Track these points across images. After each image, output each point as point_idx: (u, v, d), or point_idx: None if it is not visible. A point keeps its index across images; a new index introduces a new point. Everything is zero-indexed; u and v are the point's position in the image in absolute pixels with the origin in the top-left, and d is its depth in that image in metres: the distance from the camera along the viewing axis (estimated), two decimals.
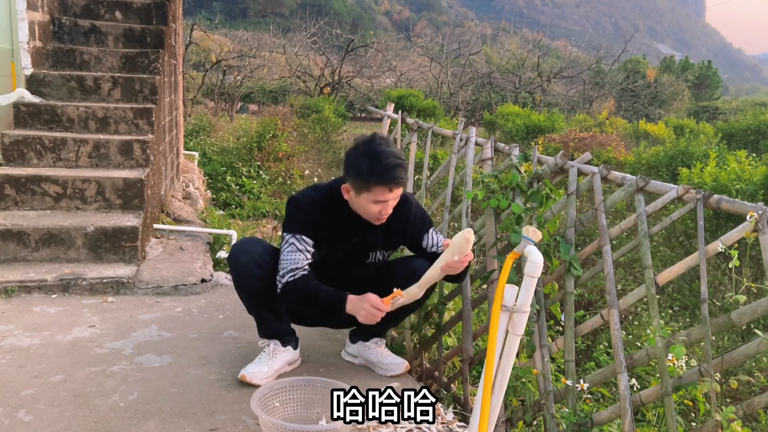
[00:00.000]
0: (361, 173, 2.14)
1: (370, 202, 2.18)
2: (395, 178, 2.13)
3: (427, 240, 2.42)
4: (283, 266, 2.24)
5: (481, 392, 1.68)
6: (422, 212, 2.45)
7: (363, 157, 2.14)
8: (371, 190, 2.14)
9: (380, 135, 2.25)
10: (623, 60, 31.33)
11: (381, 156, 2.11)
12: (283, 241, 2.28)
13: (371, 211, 2.20)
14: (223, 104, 21.61)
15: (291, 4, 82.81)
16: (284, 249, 2.26)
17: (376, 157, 2.11)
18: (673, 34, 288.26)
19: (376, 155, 2.11)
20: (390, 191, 2.15)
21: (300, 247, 2.24)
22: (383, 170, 2.10)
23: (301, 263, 2.23)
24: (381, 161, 2.10)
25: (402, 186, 2.20)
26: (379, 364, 2.56)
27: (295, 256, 2.23)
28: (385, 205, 2.19)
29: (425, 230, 2.42)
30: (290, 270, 2.23)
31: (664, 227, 2.14)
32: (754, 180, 5.80)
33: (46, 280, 3.35)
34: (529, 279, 1.67)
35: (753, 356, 1.91)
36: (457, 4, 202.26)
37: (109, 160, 4.27)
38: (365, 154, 2.14)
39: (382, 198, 2.16)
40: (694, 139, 12.64)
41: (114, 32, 5.08)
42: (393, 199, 2.20)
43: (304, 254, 2.24)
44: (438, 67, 27.08)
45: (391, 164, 2.10)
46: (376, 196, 2.15)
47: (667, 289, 5.30)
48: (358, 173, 2.15)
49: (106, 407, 2.19)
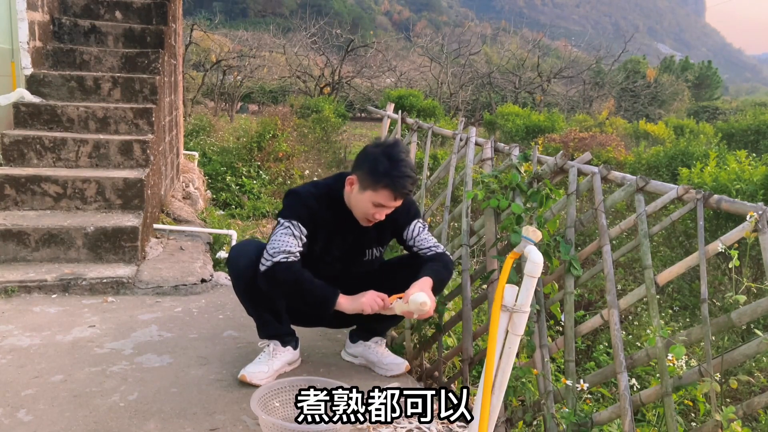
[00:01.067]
0: (375, 172, 2.15)
1: (370, 202, 2.19)
2: (404, 188, 2.16)
3: (407, 232, 2.39)
4: (274, 246, 2.18)
5: (481, 392, 1.68)
6: (408, 203, 2.40)
7: (383, 158, 2.16)
8: (378, 191, 2.16)
9: (404, 144, 2.31)
10: (623, 60, 31.32)
11: (400, 163, 2.15)
12: (277, 225, 2.25)
13: (367, 210, 2.21)
14: (223, 104, 21.61)
15: (291, 4, 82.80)
16: (278, 230, 2.21)
17: (396, 163, 2.14)
18: (673, 34, 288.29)
19: (396, 160, 2.15)
20: (394, 199, 2.18)
21: (295, 233, 2.21)
22: (397, 176, 2.13)
23: (294, 249, 2.20)
24: (398, 168, 2.14)
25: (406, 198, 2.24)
26: (379, 363, 2.56)
27: (289, 239, 2.20)
28: (381, 210, 2.21)
29: (408, 220, 2.39)
30: (284, 251, 2.17)
31: (664, 227, 2.14)
32: (754, 180, 5.80)
33: (46, 280, 3.35)
34: (529, 279, 1.67)
35: (753, 356, 1.91)
36: (457, 4, 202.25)
37: (109, 160, 4.27)
38: (386, 156, 2.16)
39: (384, 202, 2.18)
40: (694, 139, 12.64)
41: (114, 32, 5.08)
42: (391, 207, 2.22)
43: (298, 241, 2.22)
44: (438, 67, 27.08)
45: (407, 174, 2.14)
46: (379, 198, 2.17)
47: (667, 289, 5.30)
48: (372, 171, 2.16)
49: (106, 407, 2.19)
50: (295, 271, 2.17)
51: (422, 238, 2.39)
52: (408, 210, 2.40)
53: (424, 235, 2.40)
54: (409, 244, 2.40)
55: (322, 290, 2.19)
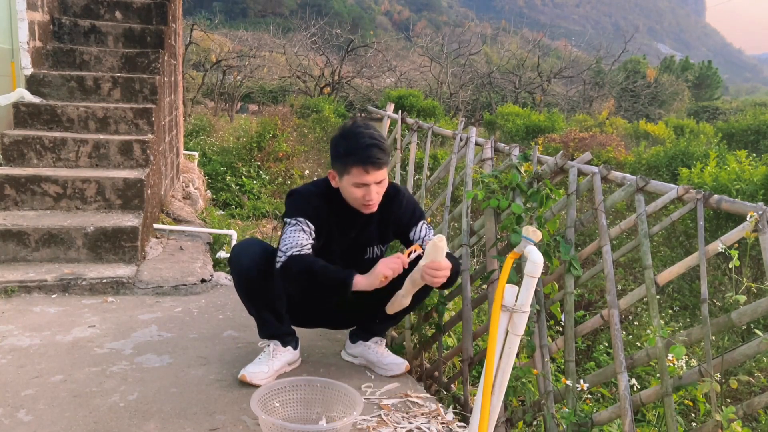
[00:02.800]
0: (339, 155, 2.18)
1: (351, 185, 2.19)
2: (370, 158, 2.13)
3: (414, 232, 2.39)
4: (286, 243, 2.21)
5: (481, 392, 1.68)
6: (413, 204, 2.43)
7: (341, 139, 2.19)
8: (350, 171, 2.16)
9: (360, 120, 2.27)
10: (623, 60, 31.33)
11: (357, 137, 2.15)
12: (285, 225, 2.27)
13: (355, 195, 2.20)
14: (223, 104, 21.60)
15: (291, 4, 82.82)
16: (287, 230, 2.24)
17: (353, 138, 2.15)
18: (673, 34, 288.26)
19: (353, 136, 2.16)
20: (367, 172, 2.15)
21: (305, 228, 2.24)
22: (358, 149, 2.13)
23: (305, 242, 2.22)
24: (357, 141, 2.14)
25: (381, 168, 2.17)
26: (379, 364, 2.56)
27: (299, 235, 2.22)
28: (367, 189, 2.18)
29: (414, 222, 2.39)
30: (295, 245, 2.20)
31: (664, 227, 2.14)
32: (754, 180, 5.80)
33: (46, 280, 3.35)
34: (529, 279, 1.68)
35: (753, 356, 1.91)
36: (457, 4, 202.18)
37: (109, 160, 4.27)
38: (342, 136, 2.19)
39: (361, 180, 2.16)
40: (694, 139, 12.64)
41: (114, 32, 5.08)
42: (374, 182, 2.18)
43: (308, 236, 2.24)
44: (438, 67, 27.07)
45: (366, 144, 2.13)
46: (354, 177, 2.16)
47: (667, 289, 5.30)
48: (337, 156, 2.19)
49: (106, 407, 2.19)
50: (308, 261, 2.18)
51: (430, 238, 2.39)
52: (413, 211, 2.40)
53: (431, 235, 2.40)
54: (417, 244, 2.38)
55: (337, 273, 2.17)
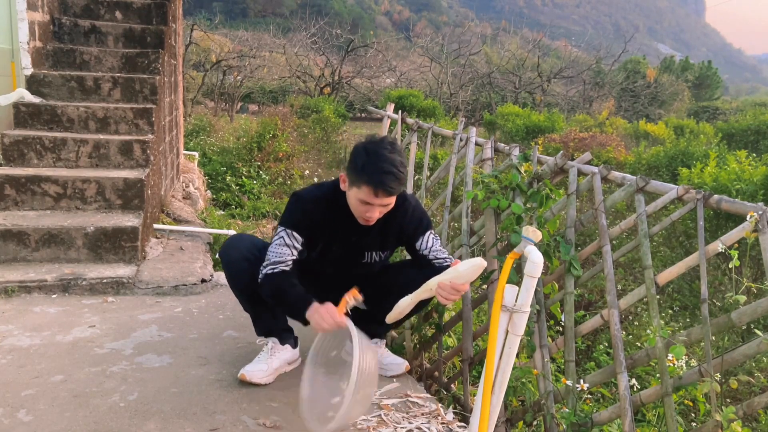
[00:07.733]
0: (355, 168, 2.12)
1: (357, 200, 2.15)
2: (383, 184, 2.07)
3: (421, 242, 2.36)
4: (268, 257, 2.25)
5: (481, 392, 1.69)
6: (420, 213, 2.38)
7: (363, 153, 2.11)
8: (360, 187, 2.12)
9: (391, 140, 2.20)
10: (623, 60, 31.32)
11: (379, 159, 2.07)
12: (275, 232, 2.30)
13: (357, 208, 2.18)
14: (223, 104, 21.59)
15: (291, 4, 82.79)
16: (274, 241, 2.27)
17: (374, 159, 2.07)
18: (673, 34, 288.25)
19: (375, 156, 2.08)
20: (375, 196, 2.09)
21: (288, 242, 2.24)
22: (374, 172, 2.06)
23: (284, 258, 2.23)
24: (376, 164, 2.07)
25: (391, 196, 2.13)
26: (379, 364, 2.56)
27: (281, 250, 2.24)
28: (370, 208, 2.14)
29: (421, 232, 2.36)
30: (273, 262, 2.23)
31: (664, 227, 2.14)
32: (754, 180, 5.80)
33: (46, 280, 3.35)
34: (529, 279, 1.68)
35: (753, 356, 1.91)
36: (457, 4, 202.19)
37: (109, 161, 4.27)
38: (366, 151, 2.11)
39: (368, 199, 2.12)
40: (694, 139, 12.64)
41: (114, 32, 5.08)
42: (380, 205, 2.14)
43: (291, 250, 2.24)
44: (438, 67, 27.07)
45: (384, 170, 2.05)
46: (362, 195, 2.12)
47: (667, 289, 5.30)
48: (353, 166, 2.13)
49: (106, 407, 2.19)
50: (274, 282, 2.21)
51: (437, 249, 2.37)
52: (420, 220, 2.36)
53: (438, 246, 2.38)
54: (424, 253, 2.36)
55: (296, 298, 2.16)
